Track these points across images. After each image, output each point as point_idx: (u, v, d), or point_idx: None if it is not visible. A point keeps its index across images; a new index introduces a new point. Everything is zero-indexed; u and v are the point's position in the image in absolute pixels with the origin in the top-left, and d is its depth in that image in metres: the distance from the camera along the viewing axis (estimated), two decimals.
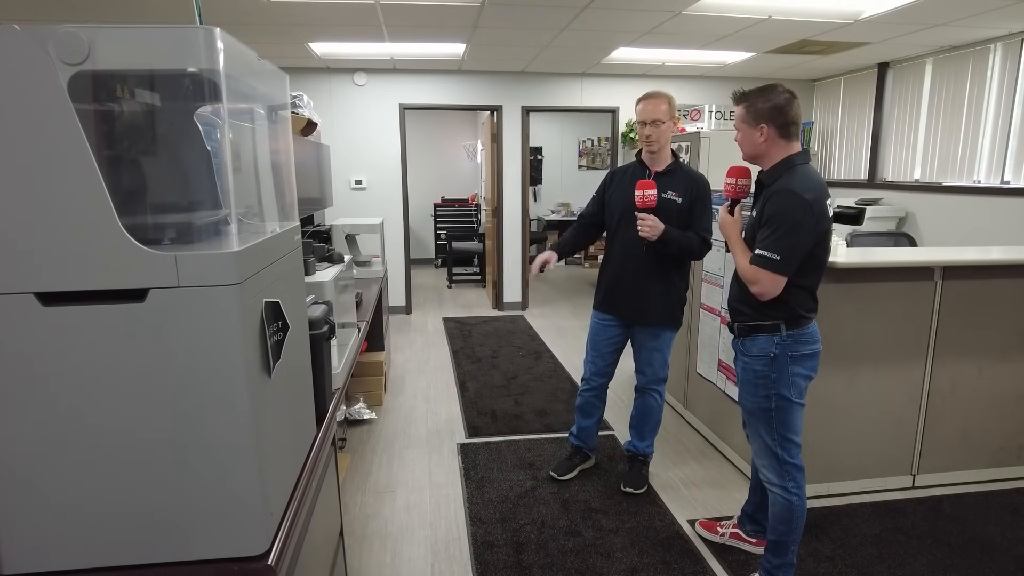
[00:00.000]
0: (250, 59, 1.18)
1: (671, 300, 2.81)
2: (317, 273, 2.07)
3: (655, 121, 2.67)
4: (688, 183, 2.74)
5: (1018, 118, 4.48)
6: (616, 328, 2.90)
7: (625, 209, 2.74)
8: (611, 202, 2.85)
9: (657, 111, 2.67)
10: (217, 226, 1.07)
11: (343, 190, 6.31)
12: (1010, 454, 3.04)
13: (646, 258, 2.74)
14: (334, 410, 1.77)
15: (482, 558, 2.46)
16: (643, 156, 2.81)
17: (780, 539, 2.15)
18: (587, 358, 3.00)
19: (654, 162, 2.77)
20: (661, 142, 2.71)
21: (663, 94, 2.71)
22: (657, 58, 5.61)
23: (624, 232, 2.77)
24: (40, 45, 0.90)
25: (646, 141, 2.72)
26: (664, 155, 2.76)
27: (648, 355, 2.89)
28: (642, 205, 2.62)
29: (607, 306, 2.89)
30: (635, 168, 2.82)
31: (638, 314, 2.82)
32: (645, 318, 2.81)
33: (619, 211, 2.79)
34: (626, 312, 2.84)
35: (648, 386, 2.93)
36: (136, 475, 1.03)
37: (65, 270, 0.96)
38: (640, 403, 2.98)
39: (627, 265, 2.78)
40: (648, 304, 2.78)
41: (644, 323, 2.83)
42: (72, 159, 0.92)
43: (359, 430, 3.69)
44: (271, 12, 4.02)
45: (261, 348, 1.10)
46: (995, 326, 2.88)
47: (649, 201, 2.61)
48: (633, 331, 2.90)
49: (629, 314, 2.84)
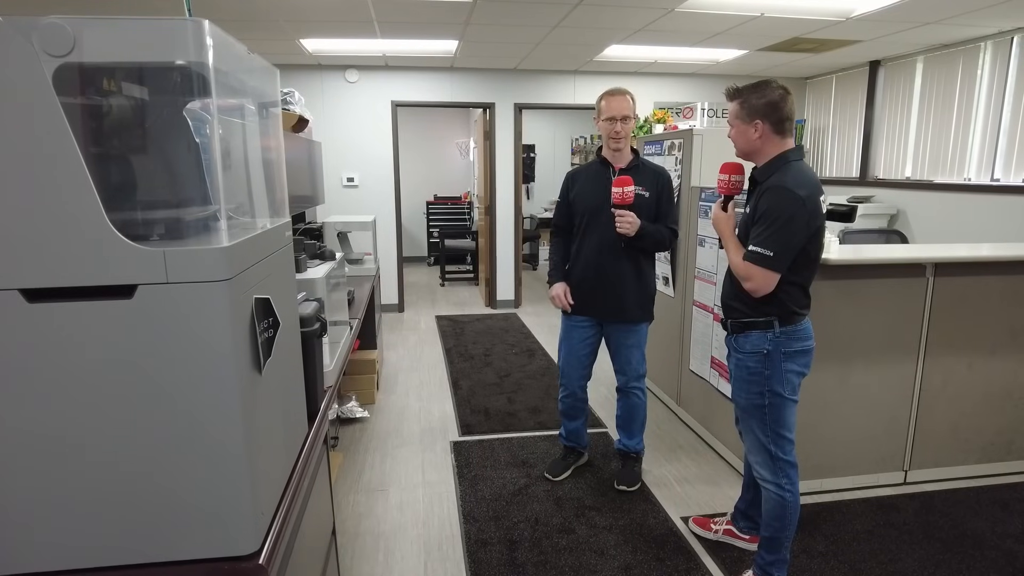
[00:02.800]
0: (240, 53, 1.17)
1: (646, 294, 2.82)
2: (308, 270, 2.05)
3: (625, 117, 2.67)
4: (653, 177, 2.76)
5: (1008, 116, 4.51)
6: (591, 328, 2.89)
7: (597, 208, 2.73)
8: (577, 202, 2.82)
9: (626, 107, 2.67)
10: (206, 222, 1.05)
11: (335, 187, 6.28)
12: (999, 449, 3.06)
13: (622, 254, 2.73)
14: (326, 408, 1.75)
15: (475, 556, 2.45)
16: (605, 153, 2.79)
17: (774, 535, 2.16)
18: (562, 363, 2.98)
19: (617, 159, 2.77)
20: (627, 138, 2.72)
21: (627, 90, 2.71)
22: (649, 55, 5.62)
23: (596, 230, 2.75)
24: (24, 36, 0.88)
25: (615, 137, 2.69)
26: (627, 151, 2.76)
27: (627, 354, 2.88)
28: (621, 202, 2.61)
29: (584, 306, 2.86)
30: (598, 166, 2.81)
31: (616, 311, 2.81)
32: (623, 314, 2.80)
33: (589, 211, 2.77)
34: (604, 311, 2.83)
35: (629, 385, 2.93)
36: (125, 474, 1.01)
37: (51, 266, 0.94)
38: (624, 403, 2.98)
39: (603, 263, 2.76)
40: (626, 300, 2.78)
41: (622, 319, 2.82)
42: (58, 153, 0.91)
43: (351, 428, 3.67)
44: (262, 8, 3.99)
45: (251, 345, 1.09)
46: (985, 322, 2.90)
47: (628, 198, 2.60)
48: (607, 330, 2.89)
49: (607, 312, 2.83)
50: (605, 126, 2.70)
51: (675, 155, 3.76)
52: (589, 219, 2.77)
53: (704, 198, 3.38)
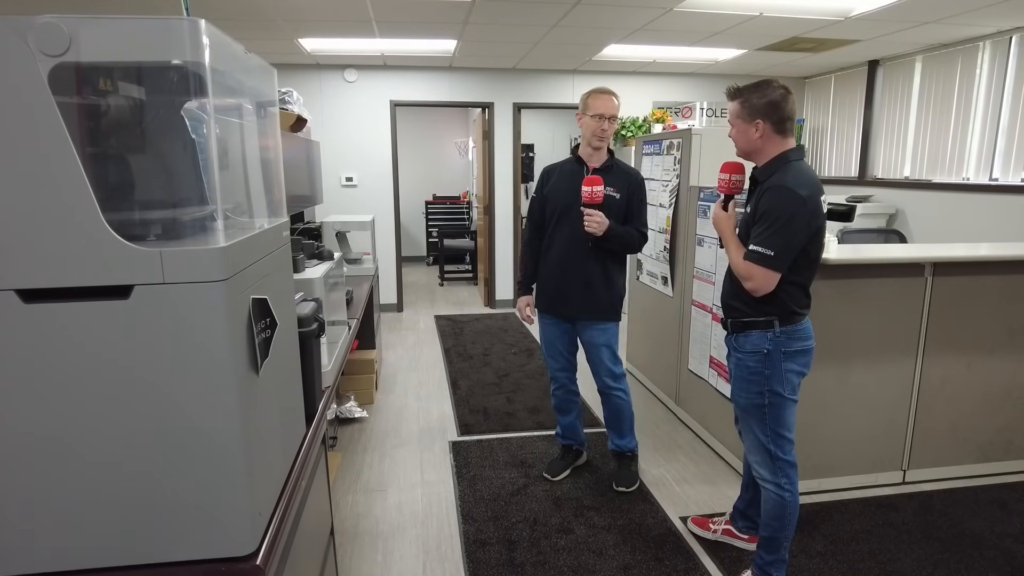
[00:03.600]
0: (237, 53, 1.17)
1: (615, 294, 2.83)
2: (306, 270, 2.05)
3: (612, 116, 2.68)
4: (625, 179, 2.77)
5: (1006, 115, 4.51)
6: (564, 325, 2.90)
7: (568, 205, 2.73)
8: (550, 198, 2.82)
9: (614, 107, 2.69)
10: (203, 222, 1.05)
11: (334, 187, 6.28)
12: (998, 449, 3.06)
13: (590, 254, 2.74)
14: (324, 408, 1.75)
15: (474, 556, 2.45)
16: (581, 152, 2.79)
17: (773, 535, 2.15)
18: (544, 357, 3.02)
19: (593, 158, 2.77)
20: (609, 139, 2.74)
21: (614, 91, 2.73)
22: (648, 55, 5.61)
23: (566, 228, 2.75)
24: (20, 36, 0.87)
25: (600, 136, 2.70)
26: (604, 152, 2.77)
27: (598, 354, 2.86)
28: (589, 201, 2.62)
29: (553, 303, 2.86)
30: (572, 164, 2.81)
31: (586, 310, 2.80)
32: (592, 313, 2.81)
33: (561, 207, 2.77)
34: (573, 309, 2.82)
35: (607, 388, 2.91)
36: (121, 474, 1.01)
37: (47, 266, 0.94)
38: (607, 404, 2.97)
39: (572, 261, 2.76)
40: (594, 299, 2.78)
41: (590, 318, 2.82)
42: (54, 153, 0.90)
43: (350, 428, 3.67)
44: (261, 7, 3.98)
45: (248, 345, 1.08)
46: (984, 322, 2.90)
47: (597, 197, 2.61)
48: (578, 328, 2.89)
49: (576, 311, 2.82)
50: (592, 123, 2.70)
51: (674, 155, 3.76)
52: (560, 215, 2.77)
53: (703, 198, 3.38)
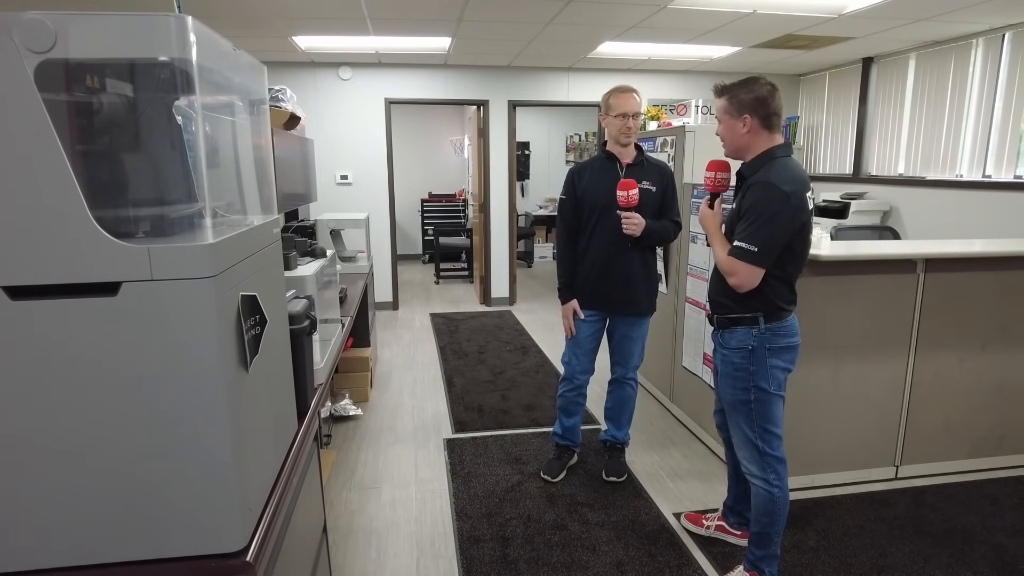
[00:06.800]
0: (225, 49, 1.16)
1: (653, 286, 2.88)
2: (298, 268, 2.05)
3: (636, 113, 2.71)
4: (658, 171, 2.83)
5: (999, 113, 4.52)
6: (598, 323, 2.91)
7: (607, 202, 2.74)
8: (586, 198, 2.82)
9: (637, 104, 2.73)
10: (192, 219, 1.05)
11: (328, 185, 6.27)
12: (990, 444, 3.07)
13: (630, 249, 2.77)
14: (316, 405, 1.75)
15: (468, 553, 2.46)
16: (612, 148, 2.81)
17: (763, 531, 2.16)
18: (568, 358, 2.97)
19: (624, 155, 2.79)
20: (636, 134, 2.77)
21: (635, 88, 2.77)
22: (643, 52, 5.62)
23: (606, 225, 2.76)
24: (5, 32, 0.87)
25: (627, 133, 2.73)
26: (632, 147, 2.80)
27: (629, 346, 2.92)
28: (626, 205, 2.65)
29: (593, 300, 2.87)
30: (603, 161, 2.82)
31: (627, 304, 2.84)
32: (633, 307, 2.84)
33: (599, 205, 2.77)
34: (614, 304, 2.85)
35: (626, 376, 2.97)
36: (109, 471, 1.01)
37: (34, 263, 0.93)
38: (618, 394, 3.01)
39: (613, 257, 2.78)
40: (636, 293, 2.82)
41: (631, 312, 2.86)
42: (40, 150, 0.90)
43: (345, 426, 3.67)
44: (254, 5, 3.97)
45: (238, 342, 1.08)
46: (976, 318, 2.91)
47: (633, 200, 2.64)
48: (614, 322, 2.92)
49: (617, 305, 2.85)
50: (616, 122, 2.73)
51: (668, 152, 3.76)
52: (600, 213, 2.78)
53: (696, 195, 3.39)
